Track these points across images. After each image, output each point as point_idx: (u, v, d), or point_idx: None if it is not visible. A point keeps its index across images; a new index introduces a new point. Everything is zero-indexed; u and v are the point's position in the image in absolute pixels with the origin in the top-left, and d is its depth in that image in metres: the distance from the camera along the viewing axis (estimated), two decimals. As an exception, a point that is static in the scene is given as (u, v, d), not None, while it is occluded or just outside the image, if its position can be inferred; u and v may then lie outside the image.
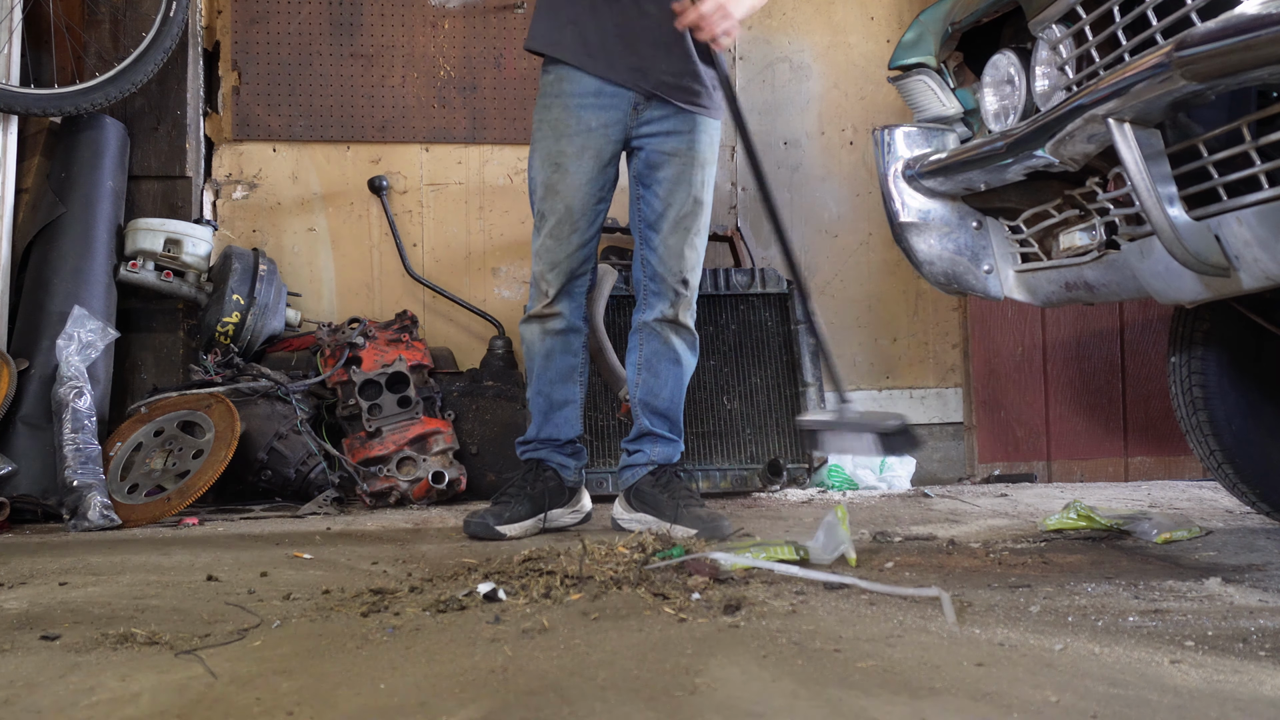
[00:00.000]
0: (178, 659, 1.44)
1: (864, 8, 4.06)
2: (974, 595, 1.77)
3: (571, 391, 2.65)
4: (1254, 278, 1.69)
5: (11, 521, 2.91)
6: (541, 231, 2.57)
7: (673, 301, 2.60)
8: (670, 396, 2.64)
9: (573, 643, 1.48)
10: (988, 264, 2.31)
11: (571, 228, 2.54)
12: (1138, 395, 3.87)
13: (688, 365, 2.65)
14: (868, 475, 3.57)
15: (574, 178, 2.52)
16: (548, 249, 2.56)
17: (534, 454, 2.66)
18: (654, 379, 2.63)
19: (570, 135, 2.52)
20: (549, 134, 2.54)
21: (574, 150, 2.52)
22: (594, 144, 2.52)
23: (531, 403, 2.68)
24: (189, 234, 3.45)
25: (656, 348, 2.62)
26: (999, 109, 2.16)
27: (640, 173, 2.60)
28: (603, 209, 2.59)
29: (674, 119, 2.55)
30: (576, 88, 2.52)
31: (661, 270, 2.59)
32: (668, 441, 2.65)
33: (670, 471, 2.63)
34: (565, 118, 2.52)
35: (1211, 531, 2.43)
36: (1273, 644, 1.44)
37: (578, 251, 2.56)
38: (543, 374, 2.63)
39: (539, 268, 2.58)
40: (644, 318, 2.64)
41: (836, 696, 1.23)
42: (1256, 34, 1.41)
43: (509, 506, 2.55)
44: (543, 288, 2.58)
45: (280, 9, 3.75)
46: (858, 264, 4.01)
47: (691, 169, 2.58)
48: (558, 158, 2.53)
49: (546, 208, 2.55)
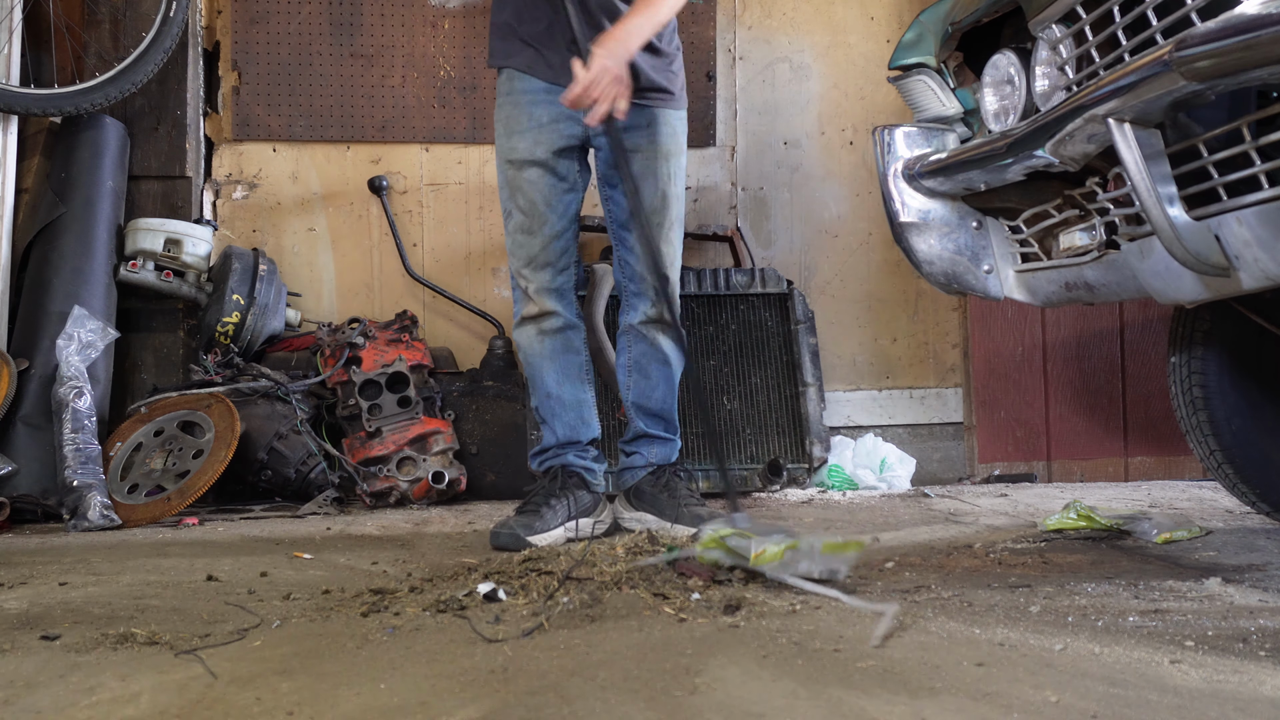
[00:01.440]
0: (178, 659, 1.44)
1: (864, 8, 4.06)
2: (974, 595, 1.77)
3: (582, 390, 2.60)
4: (1254, 278, 1.69)
5: (11, 521, 2.91)
6: (510, 228, 2.54)
7: (654, 301, 2.54)
8: (663, 397, 2.61)
9: (573, 643, 1.48)
10: (988, 264, 2.31)
11: (539, 220, 2.50)
12: (1138, 395, 3.87)
13: (677, 364, 2.61)
14: (868, 475, 3.57)
15: (530, 171, 2.48)
16: (519, 244, 2.52)
17: (555, 460, 2.58)
18: (645, 380, 2.60)
19: (521, 131, 2.49)
20: (503, 132, 2.53)
21: (526, 145, 2.48)
22: (546, 138, 2.47)
23: (541, 409, 2.60)
24: (189, 234, 3.45)
25: (644, 349, 2.59)
26: (999, 109, 2.15)
27: (604, 174, 2.56)
28: (572, 200, 2.53)
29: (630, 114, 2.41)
30: (527, 85, 2.49)
31: (639, 269, 2.55)
32: (664, 442, 2.63)
33: (670, 471, 2.61)
34: (516, 114, 2.50)
35: (1211, 531, 2.44)
36: (1273, 644, 1.44)
37: (551, 244, 2.51)
38: (549, 376, 2.57)
39: (514, 264, 2.54)
40: (629, 320, 2.60)
41: (836, 696, 1.23)
42: (1256, 34, 1.41)
43: (538, 515, 2.44)
44: (523, 285, 2.54)
45: (280, 9, 3.75)
46: (858, 264, 4.01)
47: (655, 162, 2.52)
48: (512, 154, 2.50)
49: (512, 204, 2.52)
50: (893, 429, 3.93)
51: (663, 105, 2.54)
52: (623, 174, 2.37)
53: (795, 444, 3.49)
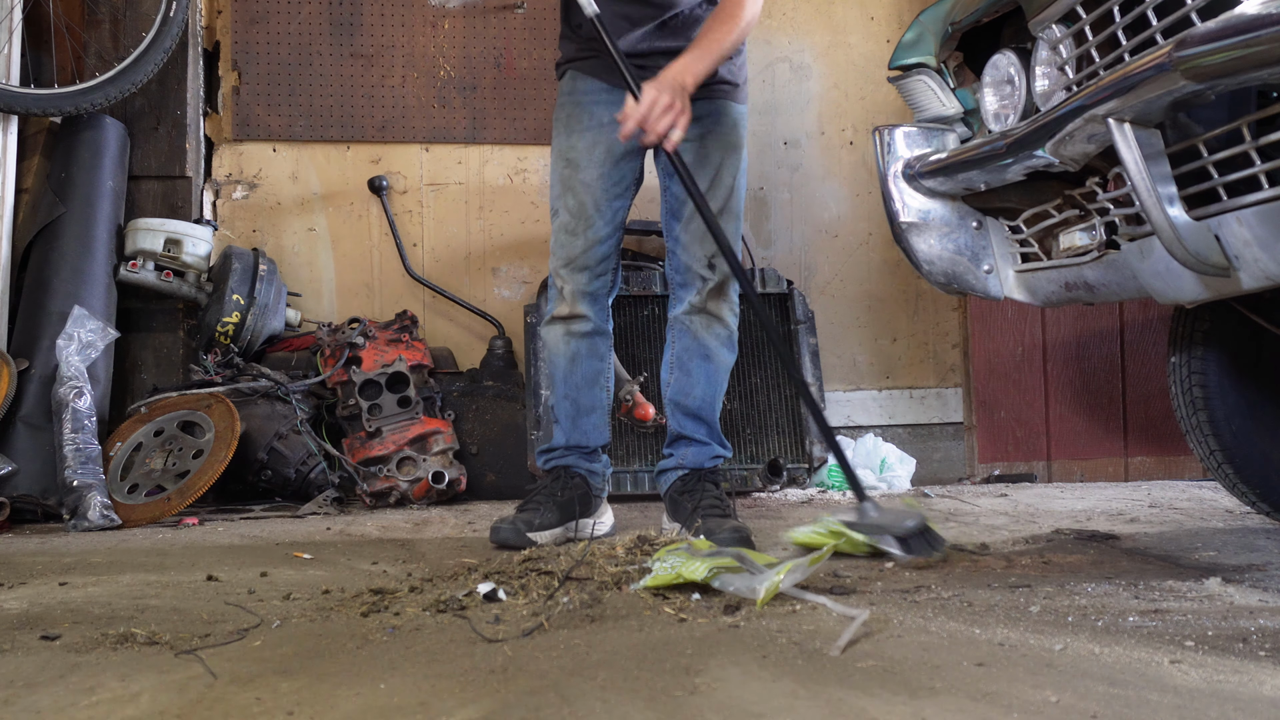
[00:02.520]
0: (178, 659, 1.44)
1: (864, 8, 4.06)
2: (974, 595, 1.77)
3: (598, 397, 2.55)
4: (1254, 278, 1.69)
5: (11, 521, 2.91)
6: (555, 227, 2.51)
7: (699, 289, 2.49)
8: (703, 396, 2.52)
9: (573, 643, 1.48)
10: (988, 264, 2.31)
11: (586, 223, 2.46)
12: (1138, 395, 3.87)
13: (721, 362, 2.53)
14: (868, 476, 3.57)
15: (585, 173, 2.46)
16: (561, 244, 2.49)
17: (560, 461, 2.56)
18: (685, 377, 2.53)
19: (582, 130, 2.47)
20: (562, 131, 2.50)
21: (585, 145, 2.46)
22: (606, 139, 2.45)
23: (557, 408, 2.58)
24: (189, 234, 3.45)
25: (687, 344, 2.53)
26: (999, 109, 2.15)
27: (665, 164, 2.51)
28: (621, 206, 2.50)
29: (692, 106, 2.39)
30: (588, 86, 2.48)
31: (686, 259, 2.50)
32: (700, 445, 2.54)
33: (701, 475, 2.52)
34: (577, 113, 2.48)
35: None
36: (1273, 644, 1.44)
37: (593, 248, 2.47)
38: (568, 378, 2.53)
39: (554, 263, 2.51)
40: (673, 312, 2.55)
41: (836, 696, 1.23)
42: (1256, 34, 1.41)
43: (538, 514, 2.41)
44: (559, 285, 2.51)
45: (280, 9, 3.75)
46: (858, 264, 4.01)
47: (711, 152, 2.48)
48: (569, 153, 2.48)
49: (560, 204, 2.49)
50: (893, 429, 3.93)
51: (726, 98, 2.50)
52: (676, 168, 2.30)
53: (795, 444, 3.49)
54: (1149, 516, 2.78)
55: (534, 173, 3.87)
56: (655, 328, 3.48)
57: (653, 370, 3.40)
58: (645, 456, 3.37)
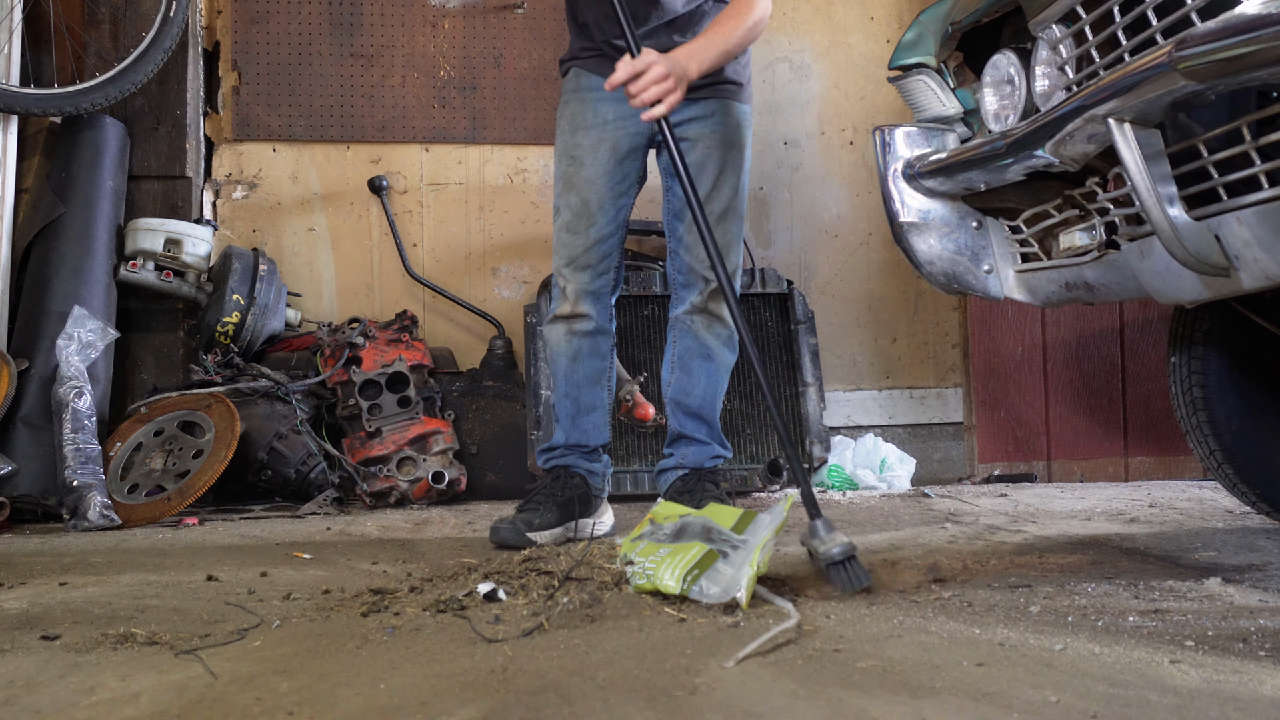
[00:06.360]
0: (178, 659, 1.44)
1: (864, 8, 4.06)
2: (974, 595, 1.77)
3: (600, 396, 2.55)
4: (1254, 278, 1.69)
5: (11, 521, 2.91)
6: (558, 226, 2.51)
7: (701, 290, 2.50)
8: (703, 395, 2.53)
9: (573, 643, 1.48)
10: (988, 264, 2.31)
11: (588, 221, 2.46)
12: (1138, 395, 3.87)
13: (722, 362, 2.54)
14: (868, 475, 3.57)
15: (589, 170, 2.45)
16: (564, 243, 2.49)
17: (560, 460, 2.56)
18: (686, 377, 2.54)
19: (586, 128, 2.47)
20: (566, 128, 2.50)
21: (589, 143, 2.46)
22: (610, 136, 2.45)
23: (557, 407, 2.58)
24: (189, 234, 3.45)
25: (688, 344, 2.54)
26: (999, 109, 2.15)
27: (665, 165, 2.51)
28: (623, 205, 2.50)
29: (695, 105, 2.44)
30: (593, 83, 2.47)
31: (688, 259, 2.50)
32: (700, 445, 2.55)
33: (701, 475, 2.52)
34: (582, 111, 2.48)
35: None
36: (1273, 644, 1.44)
37: (595, 247, 2.47)
38: (570, 377, 2.53)
39: (556, 262, 2.51)
40: (674, 312, 2.56)
41: (836, 696, 1.23)
42: (1256, 34, 1.41)
43: (538, 513, 2.42)
44: (561, 284, 2.51)
45: (280, 9, 3.75)
46: (858, 264, 4.01)
47: (715, 151, 2.48)
48: (573, 150, 2.48)
49: (563, 202, 2.49)
50: (893, 429, 3.93)
51: (730, 97, 2.50)
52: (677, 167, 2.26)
53: (795, 444, 3.48)
54: (1149, 516, 2.78)
55: (534, 173, 3.87)
56: (655, 328, 3.47)
57: (653, 370, 3.40)
58: (645, 456, 3.37)
